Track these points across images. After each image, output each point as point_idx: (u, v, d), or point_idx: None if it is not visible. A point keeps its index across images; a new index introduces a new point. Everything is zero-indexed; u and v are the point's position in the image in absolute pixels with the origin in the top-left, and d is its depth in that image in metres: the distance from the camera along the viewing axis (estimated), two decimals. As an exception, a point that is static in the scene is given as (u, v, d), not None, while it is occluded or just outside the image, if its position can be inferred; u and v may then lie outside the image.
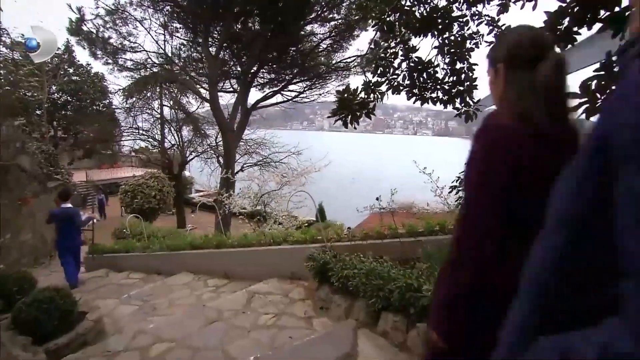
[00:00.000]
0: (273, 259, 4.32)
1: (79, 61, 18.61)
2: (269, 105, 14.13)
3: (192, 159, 17.56)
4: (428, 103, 4.61)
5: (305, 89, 14.16)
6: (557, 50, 1.04)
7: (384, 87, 4.38)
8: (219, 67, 12.13)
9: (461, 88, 4.34)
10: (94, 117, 17.92)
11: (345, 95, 3.96)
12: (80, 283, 5.40)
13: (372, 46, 4.65)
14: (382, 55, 4.24)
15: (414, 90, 4.42)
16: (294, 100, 14.20)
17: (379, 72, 4.23)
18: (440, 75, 4.39)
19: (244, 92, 12.69)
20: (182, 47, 14.09)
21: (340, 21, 13.29)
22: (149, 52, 11.56)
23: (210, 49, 12.53)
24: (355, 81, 15.48)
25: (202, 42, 11.43)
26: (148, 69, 12.19)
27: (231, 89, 14.25)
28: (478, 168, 0.91)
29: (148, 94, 17.79)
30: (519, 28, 1.00)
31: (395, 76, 4.31)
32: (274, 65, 14.50)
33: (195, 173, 18.23)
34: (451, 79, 4.34)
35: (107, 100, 19.63)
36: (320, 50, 13.79)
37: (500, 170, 0.86)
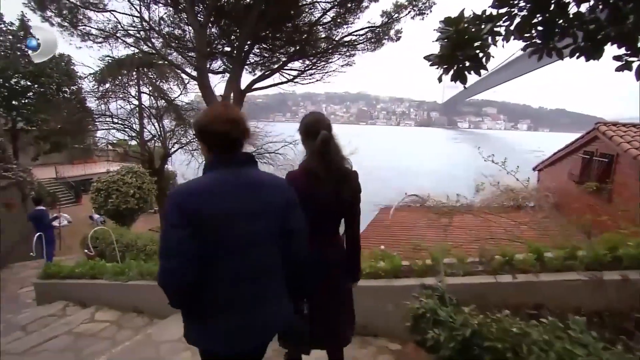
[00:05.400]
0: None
1: (38, 40, 16.15)
2: (266, 87, 12.29)
3: (176, 151, 15.57)
4: (551, 56, 2.86)
5: (306, 68, 12.37)
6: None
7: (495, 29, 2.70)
8: (207, 38, 10.20)
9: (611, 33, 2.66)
10: (60, 105, 15.60)
11: (460, 28, 2.25)
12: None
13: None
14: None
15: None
16: (294, 81, 12.40)
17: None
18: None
19: (236, 71, 10.80)
20: (162, 21, 12.01)
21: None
22: (116, 12, 9.34)
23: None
24: (364, 60, 13.64)
25: (187, 8, 9.42)
26: (119, 40, 10.10)
27: (221, 70, 12.30)
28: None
29: (124, 80, 15.68)
30: (313, 114, 1.80)
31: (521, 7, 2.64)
32: (268, 42, 12.62)
33: (181, 167, 16.29)
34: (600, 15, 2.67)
35: (76, 86, 17.27)
36: (322, 23, 11.98)
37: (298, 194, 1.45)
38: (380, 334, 2.49)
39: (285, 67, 12.10)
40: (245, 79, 12.02)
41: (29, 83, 16.19)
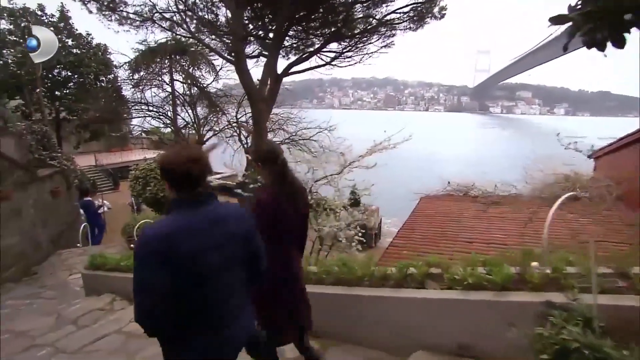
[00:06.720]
0: (415, 315, 2.27)
1: (77, 30, 16.39)
2: (302, 71, 11.82)
3: (210, 138, 15.54)
4: None
5: (344, 50, 11.77)
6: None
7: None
8: (243, 20, 9.84)
9: None
10: (98, 94, 15.89)
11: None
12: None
13: None
14: None
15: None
16: (332, 64, 11.84)
17: None
18: None
19: (273, 55, 10.40)
20: (195, 6, 11.76)
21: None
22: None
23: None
24: (404, 40, 12.81)
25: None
26: (156, 24, 9.96)
27: (255, 54, 11.94)
28: (256, 213, 1.78)
29: (157, 68, 15.73)
30: (267, 144, 2.34)
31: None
32: (303, 24, 12.08)
33: (215, 154, 16.33)
34: None
35: (112, 75, 17.54)
36: (360, 1, 11.26)
37: (262, 215, 1.80)
38: (484, 357, 2.07)
39: (323, 50, 11.55)
40: (279, 63, 11.63)
41: (69, 73, 16.57)
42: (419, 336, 2.25)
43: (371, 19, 11.32)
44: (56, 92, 16.55)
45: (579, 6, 1.80)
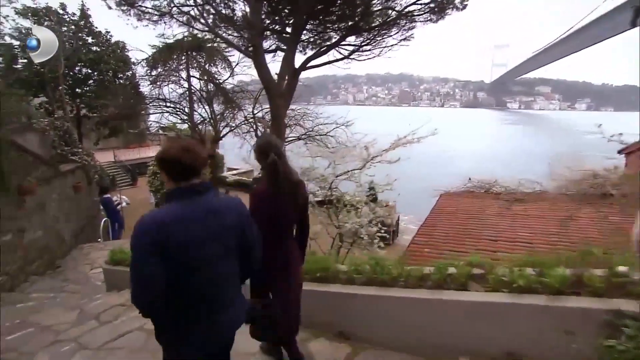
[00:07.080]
0: (457, 318, 2.11)
1: (96, 28, 16.60)
2: (320, 65, 11.64)
3: (226, 134, 15.52)
4: None
5: (362, 43, 11.51)
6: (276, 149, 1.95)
7: None
8: (261, 14, 9.73)
9: None
10: (117, 91, 16.08)
11: None
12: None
13: None
14: None
15: None
16: (350, 57, 11.61)
17: None
18: None
19: (291, 49, 10.25)
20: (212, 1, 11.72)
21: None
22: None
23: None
24: (420, 35, 12.44)
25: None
26: (174, 18, 9.95)
27: (272, 49, 11.82)
28: (251, 205, 1.94)
29: (174, 65, 15.80)
30: (263, 137, 2.18)
31: None
32: (321, 18, 11.87)
33: (233, 150, 16.32)
34: None
35: (130, 72, 17.75)
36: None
37: (256, 206, 1.95)
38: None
39: (342, 43, 11.36)
40: (296, 58, 11.46)
41: (89, 71, 16.82)
42: (461, 342, 2.08)
43: (390, 11, 11.02)
44: (77, 90, 16.83)
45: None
